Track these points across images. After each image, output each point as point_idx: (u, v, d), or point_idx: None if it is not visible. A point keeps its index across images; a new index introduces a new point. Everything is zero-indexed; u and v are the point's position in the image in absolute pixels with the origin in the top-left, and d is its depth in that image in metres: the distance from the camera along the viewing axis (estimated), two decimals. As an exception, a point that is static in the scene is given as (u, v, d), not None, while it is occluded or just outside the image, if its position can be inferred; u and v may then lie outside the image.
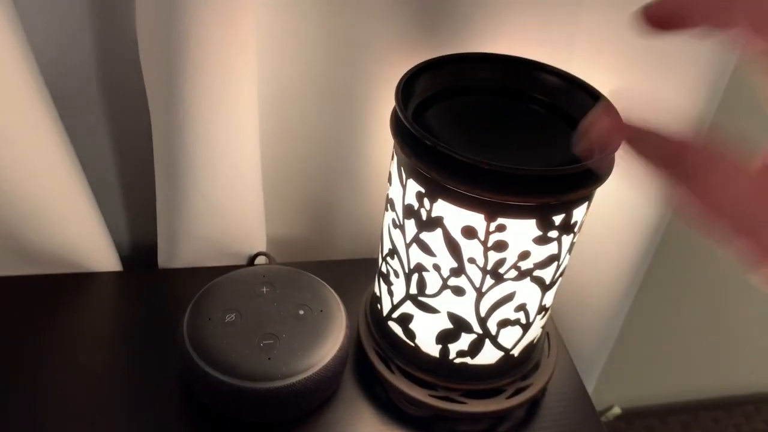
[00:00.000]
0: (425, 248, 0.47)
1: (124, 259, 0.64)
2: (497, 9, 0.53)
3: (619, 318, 0.72)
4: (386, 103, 0.57)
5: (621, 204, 0.61)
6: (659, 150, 0.23)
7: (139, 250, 0.68)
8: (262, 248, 0.65)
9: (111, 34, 0.56)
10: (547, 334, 0.58)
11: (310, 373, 0.50)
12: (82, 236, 0.59)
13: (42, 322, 0.57)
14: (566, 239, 0.46)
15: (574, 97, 0.49)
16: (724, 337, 1.04)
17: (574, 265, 0.64)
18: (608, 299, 0.67)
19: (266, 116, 0.59)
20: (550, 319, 0.60)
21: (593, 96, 0.47)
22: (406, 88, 0.46)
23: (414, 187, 0.45)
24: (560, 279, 0.50)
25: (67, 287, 0.61)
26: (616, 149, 0.24)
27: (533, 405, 0.56)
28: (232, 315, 0.52)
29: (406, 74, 0.47)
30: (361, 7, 0.53)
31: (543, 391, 0.56)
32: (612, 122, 0.24)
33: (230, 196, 0.58)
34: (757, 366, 1.10)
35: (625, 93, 0.53)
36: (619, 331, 0.77)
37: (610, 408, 1.08)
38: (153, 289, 0.63)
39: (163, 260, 0.63)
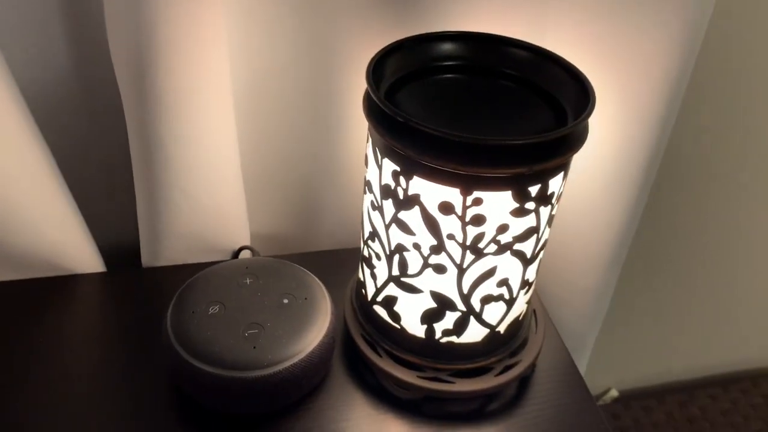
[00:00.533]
0: (404, 227, 0.47)
1: (107, 260, 0.64)
2: None
3: (607, 294, 0.72)
4: (360, 90, 0.58)
5: (601, 174, 0.61)
6: None
7: (122, 251, 0.68)
8: (246, 243, 0.65)
9: (84, 38, 0.56)
10: (534, 311, 0.58)
11: (296, 360, 0.49)
12: (63, 238, 0.59)
13: (28, 326, 0.57)
14: (544, 211, 0.46)
15: (544, 69, 0.49)
16: (717, 313, 1.04)
17: (556, 240, 0.64)
18: (593, 274, 0.67)
19: (241, 112, 0.59)
20: (536, 295, 0.60)
21: (564, 68, 0.47)
22: (377, 69, 0.46)
23: (390, 166, 0.45)
24: (542, 253, 0.50)
25: (51, 291, 0.60)
26: None
27: (523, 382, 0.56)
28: (216, 306, 0.52)
29: (375, 55, 0.47)
30: None
31: (532, 368, 0.56)
32: None
33: (210, 191, 0.58)
34: (751, 341, 1.10)
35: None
36: (608, 309, 0.77)
37: (606, 391, 1.08)
38: (137, 288, 0.63)
39: (147, 259, 0.63)
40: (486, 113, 0.47)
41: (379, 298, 0.53)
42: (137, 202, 0.60)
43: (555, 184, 0.45)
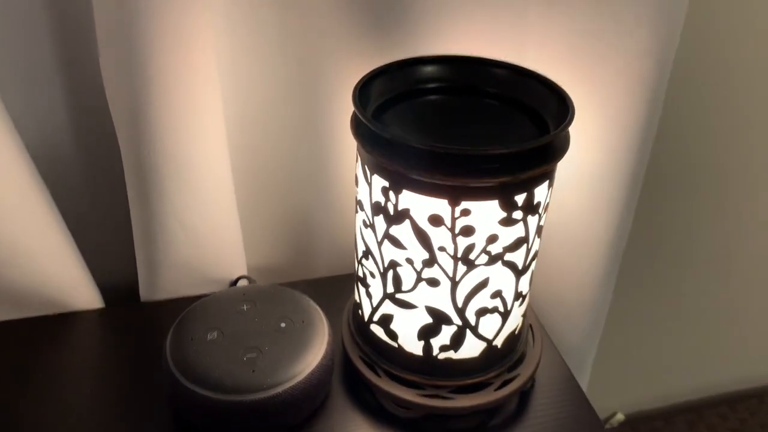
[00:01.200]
0: (396, 243, 0.47)
1: (105, 298, 0.64)
2: (448, 9, 0.55)
3: (603, 308, 0.72)
4: (348, 114, 0.59)
5: (588, 187, 0.62)
6: None
7: (119, 289, 0.69)
8: (243, 272, 0.65)
9: (79, 78, 0.57)
10: (530, 325, 0.59)
11: (295, 381, 0.50)
12: (62, 275, 0.60)
13: (28, 365, 0.57)
14: (532, 220, 0.47)
15: (524, 86, 0.50)
16: (721, 332, 1.04)
17: (547, 254, 0.64)
18: (587, 288, 0.68)
19: (233, 144, 0.60)
20: (532, 310, 0.60)
21: (543, 83, 0.49)
22: (363, 92, 0.48)
23: (379, 182, 0.46)
24: (533, 264, 0.51)
25: (50, 328, 0.61)
26: None
27: (524, 397, 0.56)
28: (214, 333, 0.52)
29: (361, 79, 0.48)
30: (315, 19, 0.55)
31: (531, 382, 0.56)
32: None
33: (207, 221, 0.59)
34: (756, 357, 1.10)
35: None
36: (606, 327, 0.77)
37: (612, 415, 1.07)
38: (136, 323, 0.63)
39: (145, 292, 0.63)
40: (471, 130, 0.49)
41: (376, 317, 0.53)
42: (134, 235, 0.60)
43: (541, 193, 0.46)
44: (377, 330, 0.54)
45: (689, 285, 0.96)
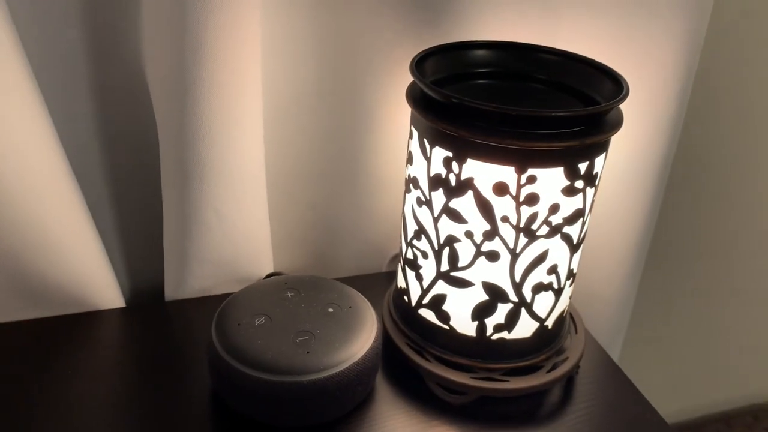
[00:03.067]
0: (456, 216, 0.47)
1: (125, 299, 0.62)
2: (481, 4, 0.56)
3: (628, 306, 0.73)
4: (382, 109, 0.60)
5: (620, 179, 0.64)
6: None
7: (137, 291, 0.66)
8: (271, 269, 0.64)
9: (111, 67, 0.57)
10: (570, 313, 0.59)
11: (351, 363, 0.48)
12: (88, 274, 0.57)
13: (52, 362, 0.54)
14: (589, 192, 0.48)
15: (570, 69, 0.52)
16: (718, 353, 1.06)
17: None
18: (616, 283, 0.68)
19: (266, 137, 0.59)
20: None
21: (593, 66, 0.50)
22: (419, 68, 0.48)
23: (440, 154, 0.46)
24: (584, 242, 0.51)
25: (74, 327, 0.58)
26: None
27: (568, 383, 0.56)
28: (261, 318, 0.51)
29: (416, 56, 0.49)
30: (351, 14, 0.55)
31: (577, 367, 0.56)
32: None
33: (241, 213, 0.58)
34: (752, 377, 1.12)
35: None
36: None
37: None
38: (162, 320, 0.61)
39: (171, 291, 0.61)
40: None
41: (426, 300, 0.52)
42: (165, 230, 0.59)
43: (599, 163, 0.47)
44: (427, 314, 0.53)
45: (686, 315, 0.98)
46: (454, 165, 0.46)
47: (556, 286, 0.50)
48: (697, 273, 0.95)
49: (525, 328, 0.51)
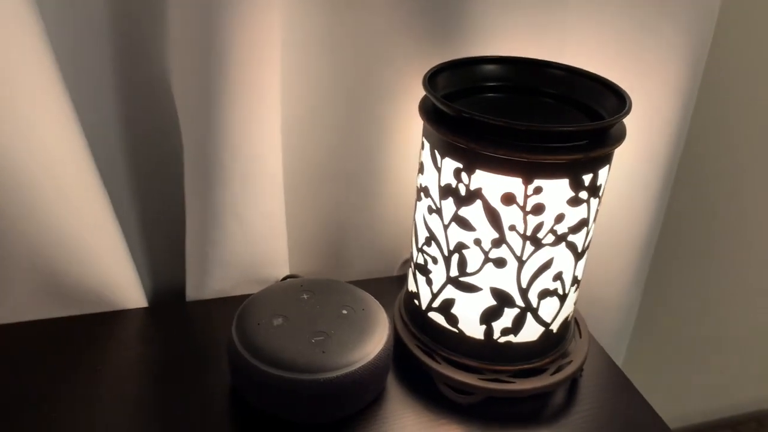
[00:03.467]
0: (465, 224, 0.50)
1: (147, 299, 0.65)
2: (493, 17, 0.59)
3: (633, 311, 0.75)
4: (396, 117, 0.62)
5: (626, 185, 0.66)
6: None
7: (158, 292, 0.69)
8: (287, 272, 0.66)
9: (138, 78, 0.59)
10: (575, 318, 0.61)
11: (365, 362, 0.51)
12: (114, 275, 0.60)
13: (85, 358, 0.57)
14: (593, 202, 0.50)
15: (576, 84, 0.54)
16: (723, 358, 1.07)
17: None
18: (621, 287, 0.70)
19: (284, 140, 0.62)
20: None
21: (598, 81, 0.53)
22: (431, 82, 0.51)
23: (451, 165, 0.49)
24: (588, 250, 0.54)
25: (101, 325, 0.61)
26: None
27: (572, 385, 0.58)
28: (279, 319, 0.53)
29: (429, 71, 0.52)
30: (367, 23, 0.58)
31: (581, 370, 0.58)
32: None
33: (261, 216, 0.60)
34: (757, 383, 1.13)
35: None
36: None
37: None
38: (183, 321, 0.63)
39: (192, 291, 0.64)
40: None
41: (436, 304, 0.55)
42: (188, 232, 0.61)
43: (603, 175, 0.49)
44: (436, 317, 0.55)
45: (691, 323, 1.00)
46: (464, 176, 0.48)
47: (561, 292, 0.53)
48: (701, 279, 0.97)
49: (531, 332, 0.53)
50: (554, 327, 0.54)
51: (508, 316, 0.52)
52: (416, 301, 0.57)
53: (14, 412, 0.51)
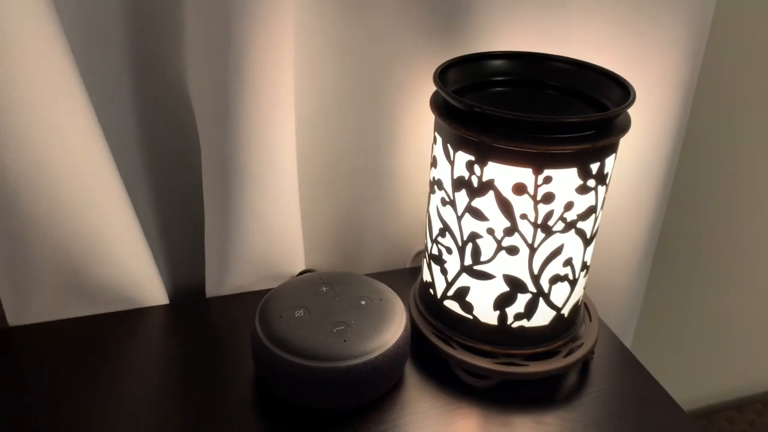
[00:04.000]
0: (478, 215, 0.52)
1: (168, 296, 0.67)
2: (498, 13, 0.60)
3: (638, 297, 0.77)
4: (407, 115, 0.64)
5: (630, 176, 0.68)
6: None
7: (178, 288, 0.71)
8: (303, 267, 0.68)
9: (156, 83, 0.61)
10: (584, 303, 0.63)
11: (385, 349, 0.53)
12: (136, 272, 0.62)
13: (113, 354, 0.59)
14: (601, 190, 0.52)
15: (581, 77, 0.56)
16: (728, 341, 1.09)
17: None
18: (627, 274, 0.72)
19: (298, 138, 0.64)
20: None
21: (602, 73, 0.55)
22: (441, 77, 0.53)
23: (463, 158, 0.51)
24: (596, 237, 0.56)
25: (126, 323, 0.63)
26: None
27: (584, 367, 0.60)
28: (300, 311, 0.55)
29: (439, 67, 0.53)
30: (383, 27, 0.60)
31: (592, 352, 0.60)
32: None
33: (277, 213, 0.62)
34: (762, 365, 1.15)
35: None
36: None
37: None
38: (204, 317, 0.65)
39: (211, 288, 0.66)
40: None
41: (450, 293, 0.57)
42: (207, 230, 0.63)
43: (609, 163, 0.51)
44: (451, 305, 0.57)
45: (695, 302, 1.02)
46: (476, 168, 0.50)
47: (571, 277, 0.55)
48: (706, 263, 0.99)
49: (543, 316, 0.55)
50: (565, 311, 0.56)
51: (521, 301, 0.54)
52: (431, 291, 0.59)
53: (46, 409, 0.53)
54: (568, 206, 0.50)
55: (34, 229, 0.55)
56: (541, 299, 0.54)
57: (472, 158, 0.50)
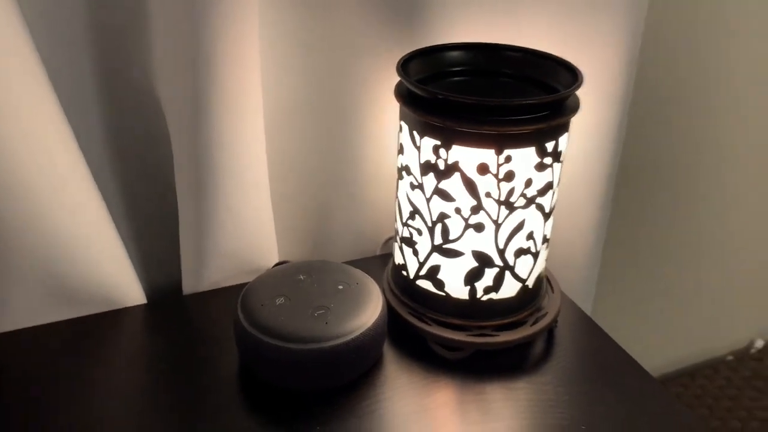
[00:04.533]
0: (445, 196, 0.55)
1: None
2: (453, 7, 0.64)
3: (594, 270, 0.82)
4: (377, 108, 0.67)
5: (581, 156, 0.72)
6: None
7: (156, 287, 0.73)
8: (277, 259, 0.71)
9: (122, 80, 0.63)
10: (546, 276, 0.67)
11: (365, 329, 0.56)
12: (112, 272, 0.63)
13: (93, 358, 0.60)
14: (557, 167, 0.56)
15: (532, 63, 0.60)
16: (680, 312, 1.16)
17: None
18: (582, 247, 0.77)
19: (267, 133, 0.66)
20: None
21: (549, 58, 0.59)
22: (404, 68, 0.56)
23: (429, 143, 0.54)
24: (554, 211, 0.60)
25: (106, 324, 0.64)
26: None
27: (549, 336, 0.64)
28: (281, 299, 0.58)
29: (401, 59, 0.57)
30: (345, 22, 0.63)
31: (555, 321, 0.64)
32: None
33: (250, 207, 0.64)
34: (709, 335, 1.23)
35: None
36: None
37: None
38: (183, 313, 0.67)
39: (188, 285, 0.68)
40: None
41: (423, 272, 0.60)
42: (181, 227, 0.65)
43: (563, 142, 0.55)
44: (424, 284, 0.60)
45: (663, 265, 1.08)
46: (442, 151, 0.53)
47: (533, 250, 0.58)
48: (657, 233, 1.05)
49: (510, 288, 0.59)
50: (530, 283, 0.60)
51: (489, 275, 0.58)
52: (404, 272, 0.62)
53: (34, 415, 0.54)
54: (528, 183, 0.54)
55: (7, 234, 0.56)
56: (507, 272, 0.58)
57: (438, 143, 0.53)
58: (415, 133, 0.55)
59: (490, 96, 0.57)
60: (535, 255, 0.59)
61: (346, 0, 0.62)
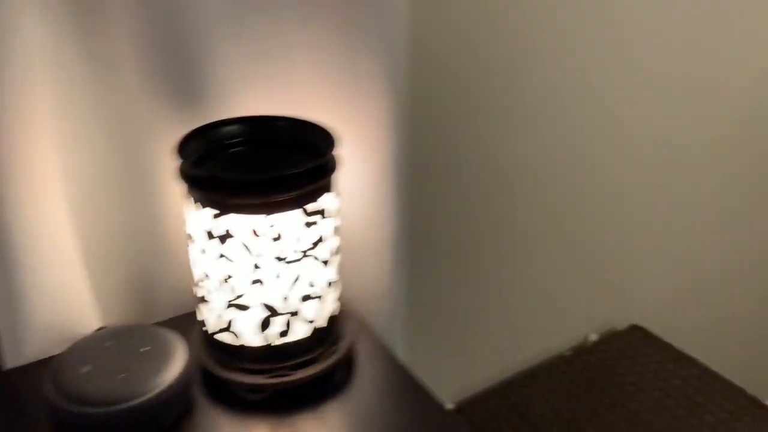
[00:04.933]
0: (228, 258, 0.62)
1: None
2: (233, 80, 0.72)
3: (400, 294, 0.90)
4: (172, 183, 0.73)
5: (365, 194, 0.81)
6: None
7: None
8: (98, 326, 0.75)
9: None
10: (344, 312, 0.75)
11: (165, 386, 0.61)
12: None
13: None
14: (326, 222, 0.64)
15: (297, 130, 0.68)
16: (487, 330, 1.27)
17: (350, 253, 0.81)
18: (385, 276, 0.85)
19: (76, 212, 0.71)
20: (345, 299, 0.76)
21: (309, 124, 0.67)
22: (182, 150, 0.62)
23: (209, 213, 0.61)
24: (338, 257, 0.68)
25: None
26: None
27: (349, 368, 0.72)
28: (87, 367, 0.62)
29: (178, 141, 0.63)
30: (132, 108, 0.69)
31: (351, 354, 0.72)
32: None
33: (61, 282, 0.69)
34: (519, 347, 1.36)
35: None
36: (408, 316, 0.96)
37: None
38: (8, 387, 0.70)
39: (10, 359, 0.71)
40: (271, 167, 0.66)
41: (220, 326, 0.66)
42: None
43: (328, 200, 0.64)
44: (223, 337, 0.67)
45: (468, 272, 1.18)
46: (221, 220, 0.60)
47: (318, 294, 0.66)
48: (456, 260, 1.15)
49: (301, 331, 0.67)
50: (320, 324, 0.68)
51: (279, 322, 0.65)
52: (205, 328, 0.68)
53: None
54: (299, 240, 0.62)
55: None
56: (295, 317, 0.66)
57: (216, 212, 0.60)
58: (199, 203, 0.62)
59: (265, 165, 0.65)
60: (321, 299, 0.67)
61: (134, 92, 0.68)
